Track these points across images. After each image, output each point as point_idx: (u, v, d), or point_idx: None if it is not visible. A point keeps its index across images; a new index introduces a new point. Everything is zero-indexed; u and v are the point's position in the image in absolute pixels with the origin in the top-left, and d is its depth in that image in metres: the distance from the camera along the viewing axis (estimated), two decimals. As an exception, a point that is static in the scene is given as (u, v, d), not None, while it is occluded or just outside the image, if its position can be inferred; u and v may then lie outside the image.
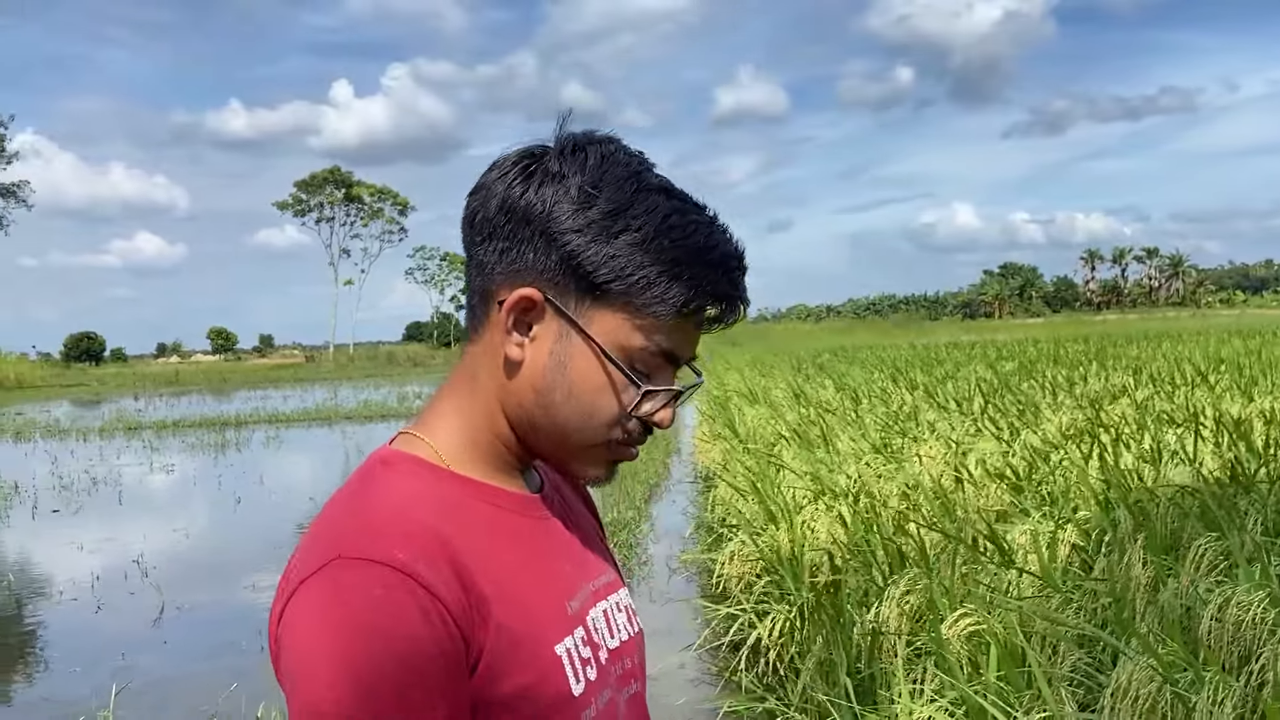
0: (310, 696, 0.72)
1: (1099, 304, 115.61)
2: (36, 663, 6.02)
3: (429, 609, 0.73)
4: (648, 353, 0.83)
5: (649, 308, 0.82)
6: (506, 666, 0.77)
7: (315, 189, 70.06)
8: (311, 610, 0.74)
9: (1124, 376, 11.65)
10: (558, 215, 0.82)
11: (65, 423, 24.72)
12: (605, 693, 0.85)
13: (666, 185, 0.85)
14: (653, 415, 0.86)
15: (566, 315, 0.83)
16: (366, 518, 0.78)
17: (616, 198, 0.82)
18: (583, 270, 0.82)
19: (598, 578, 0.92)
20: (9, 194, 47.56)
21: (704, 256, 0.83)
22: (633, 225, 0.81)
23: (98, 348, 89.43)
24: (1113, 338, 26.49)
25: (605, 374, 0.83)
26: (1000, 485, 5.49)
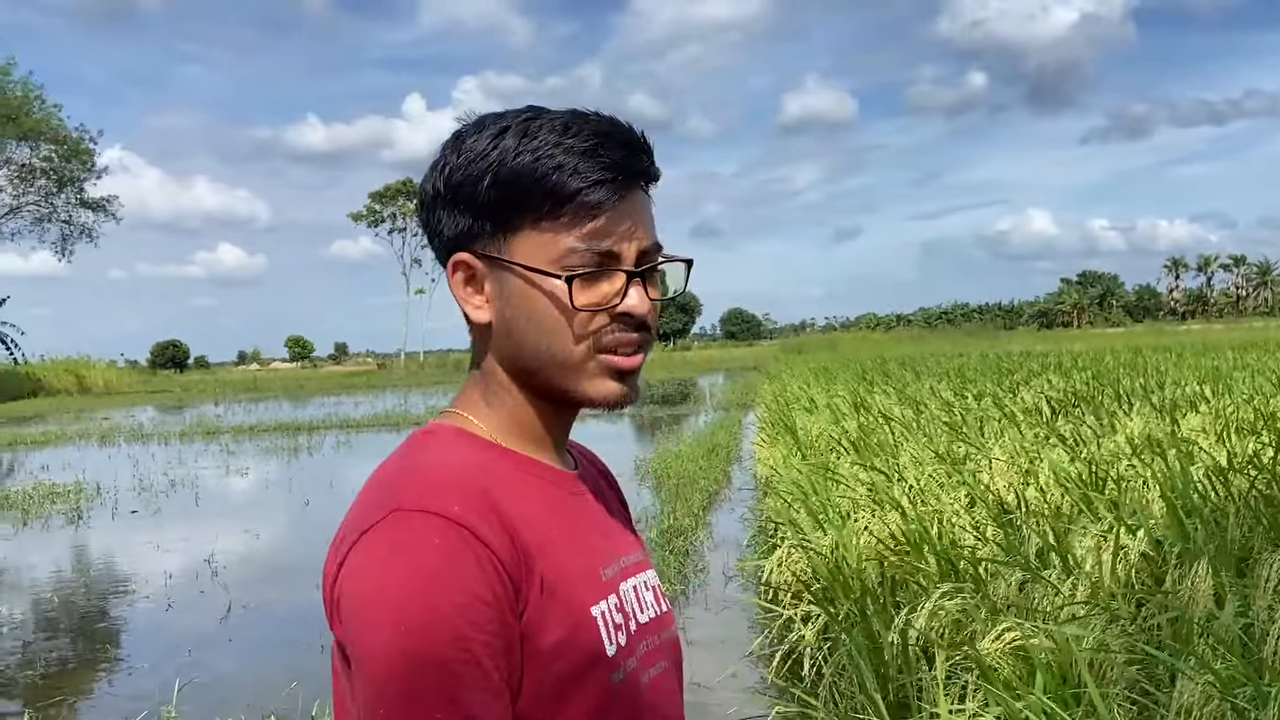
0: (374, 642, 0.76)
1: (1184, 313, 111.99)
2: (108, 658, 6.22)
3: (483, 558, 0.78)
4: (577, 254, 0.85)
5: (547, 212, 0.85)
6: (547, 620, 0.81)
7: (388, 200, 71.49)
8: (372, 560, 0.78)
9: (1203, 386, 11.24)
10: (448, 181, 0.88)
11: (148, 427, 25.53)
12: (631, 661, 0.88)
13: (536, 113, 0.88)
14: (615, 307, 0.87)
15: (492, 257, 0.88)
16: (421, 475, 0.83)
17: (487, 142, 0.87)
18: (482, 212, 0.87)
19: (628, 555, 0.96)
20: (99, 208, 49.34)
21: (569, 143, 0.85)
22: (502, 150, 0.86)
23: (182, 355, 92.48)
24: (1195, 347, 25.60)
25: (538, 288, 0.86)
26: (1067, 495, 5.34)
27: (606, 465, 1.12)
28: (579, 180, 0.84)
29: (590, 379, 0.89)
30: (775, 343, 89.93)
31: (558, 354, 0.88)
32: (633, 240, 0.88)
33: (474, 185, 0.86)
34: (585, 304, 0.86)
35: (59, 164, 47.08)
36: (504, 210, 0.86)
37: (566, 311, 0.86)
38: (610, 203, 0.85)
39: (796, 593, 5.13)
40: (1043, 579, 3.77)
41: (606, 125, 0.87)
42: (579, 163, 0.85)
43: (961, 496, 5.66)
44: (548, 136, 0.85)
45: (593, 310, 0.87)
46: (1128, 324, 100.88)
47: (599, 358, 0.88)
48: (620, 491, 1.11)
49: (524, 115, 0.88)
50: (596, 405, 0.90)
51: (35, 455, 19.17)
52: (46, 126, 45.59)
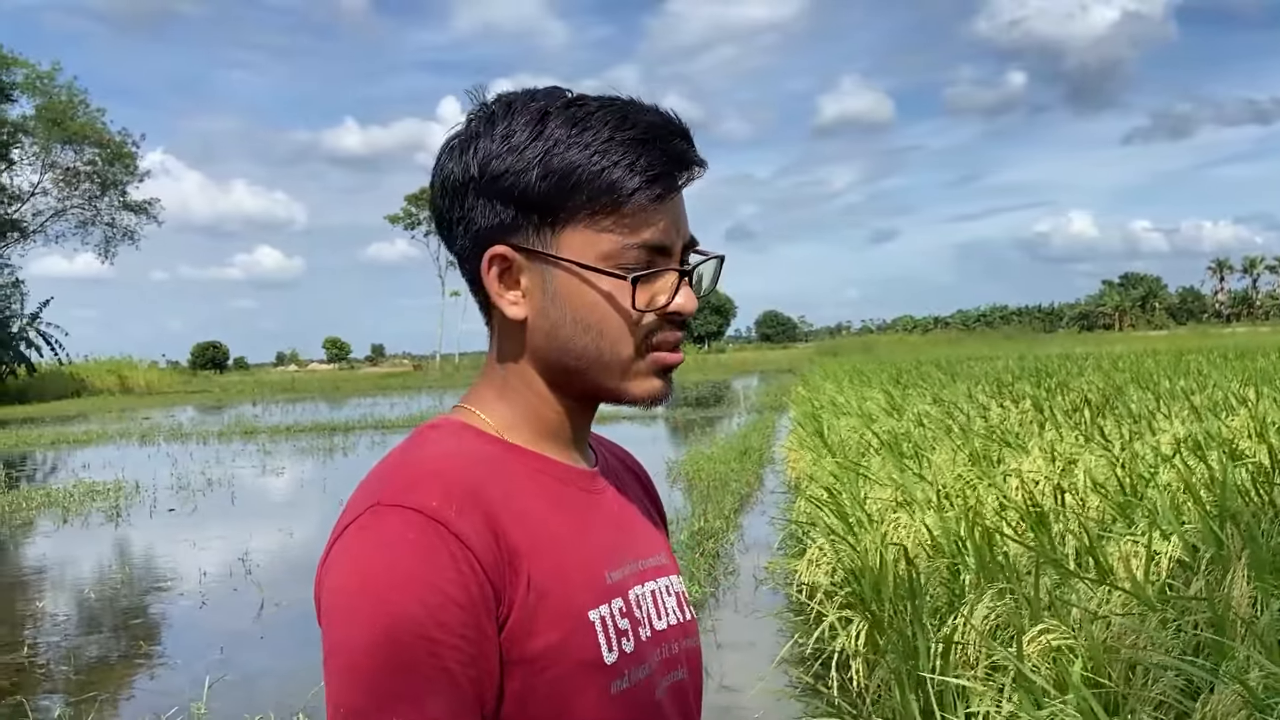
0: (339, 636, 0.75)
1: (1228, 316, 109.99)
2: (142, 654, 6.29)
3: (457, 555, 0.75)
4: (628, 250, 0.82)
5: (599, 207, 0.82)
6: (536, 623, 0.78)
7: (424, 203, 72.01)
8: (348, 554, 0.77)
9: (1245, 388, 11.00)
10: (486, 168, 0.83)
11: (188, 427, 25.90)
12: (642, 669, 0.84)
13: (577, 98, 0.85)
14: (666, 306, 0.84)
15: (537, 252, 0.83)
16: (406, 471, 0.81)
17: (530, 126, 0.82)
18: (528, 204, 0.82)
19: (648, 558, 0.92)
20: (141, 211, 50.20)
21: (625, 136, 0.82)
22: (551, 141, 0.82)
23: (222, 356, 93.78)
24: (1239, 350, 25.11)
25: (594, 287, 0.83)
26: (1104, 498, 5.24)
27: (639, 463, 1.08)
28: (638, 175, 0.81)
29: (636, 378, 0.86)
30: (810, 345, 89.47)
31: (607, 354, 0.85)
32: (680, 235, 0.86)
33: (518, 176, 0.82)
34: (643, 304, 0.84)
35: (102, 167, 47.98)
36: (553, 204, 0.82)
37: (624, 312, 0.84)
38: (668, 197, 0.83)
39: (829, 594, 5.07)
40: (1080, 580, 3.69)
41: (655, 115, 0.84)
42: (637, 158, 0.82)
43: (994, 500, 5.58)
44: (600, 129, 0.82)
45: (650, 311, 0.84)
46: (1171, 326, 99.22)
47: (648, 356, 0.86)
48: (653, 491, 1.06)
49: (563, 100, 0.84)
50: (637, 403, 0.87)
51: (77, 454, 19.51)
52: (91, 130, 46.48)
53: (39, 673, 5.92)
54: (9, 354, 44.16)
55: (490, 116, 0.85)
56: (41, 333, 46.60)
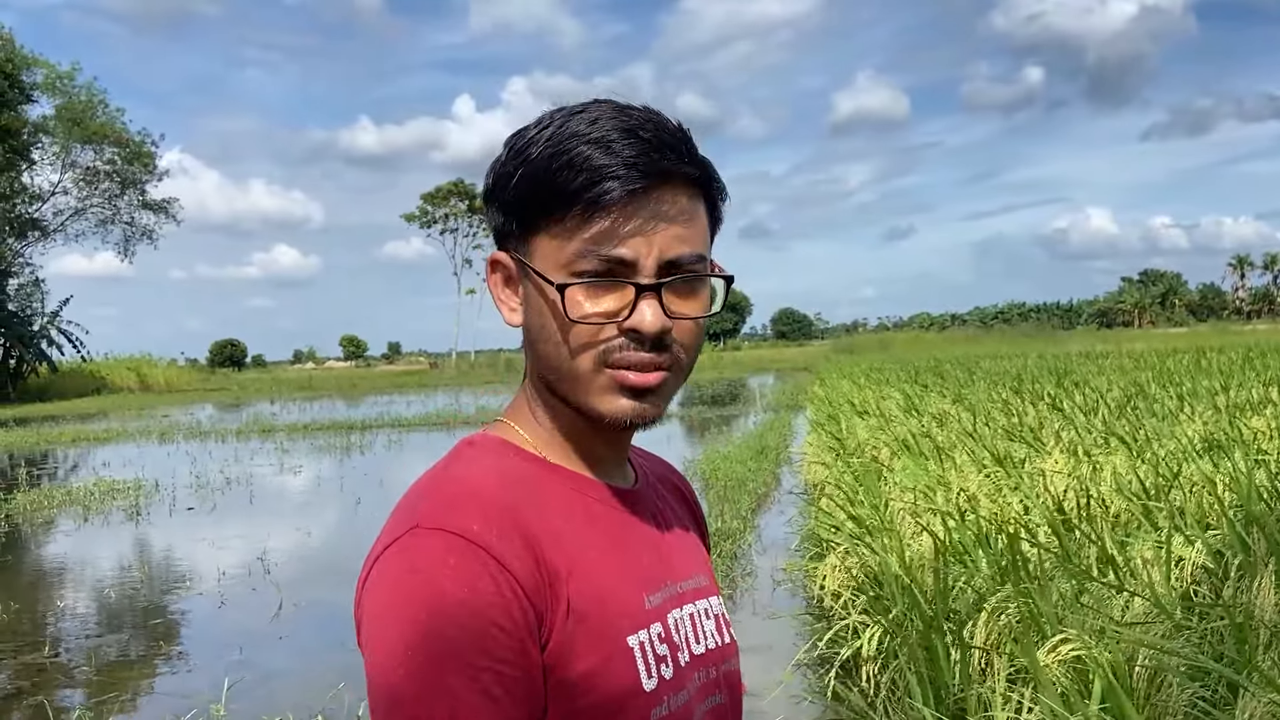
0: (382, 660, 0.73)
1: (1249, 313, 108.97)
2: (162, 654, 6.31)
3: (499, 579, 0.74)
4: (586, 259, 0.79)
5: (556, 212, 0.80)
6: (576, 647, 0.77)
7: (440, 201, 72.30)
8: (387, 578, 0.75)
9: (1268, 387, 10.88)
10: (493, 178, 0.84)
11: (206, 425, 26.06)
12: (681, 695, 0.83)
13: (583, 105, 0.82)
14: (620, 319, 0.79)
15: (519, 259, 0.84)
16: (445, 491, 0.80)
17: (530, 135, 0.82)
18: (510, 211, 0.83)
19: (686, 580, 0.90)
20: (160, 210, 50.55)
21: (585, 135, 0.79)
22: (533, 146, 0.81)
23: (240, 354, 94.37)
24: (1261, 347, 24.85)
25: (543, 295, 0.82)
26: (1126, 501, 5.19)
27: (683, 477, 1.06)
28: (585, 175, 0.78)
29: (599, 394, 0.82)
30: (826, 343, 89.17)
31: (564, 366, 0.82)
32: (651, 245, 0.79)
33: (506, 181, 0.82)
34: (583, 316, 0.79)
35: (122, 167, 48.33)
36: (526, 209, 0.81)
37: (561, 321, 0.80)
38: (618, 201, 0.78)
39: (848, 600, 5.04)
40: (1102, 585, 3.65)
41: (636, 119, 0.80)
42: (590, 157, 0.78)
43: (1017, 502, 5.53)
44: (575, 128, 0.79)
45: (595, 323, 0.80)
46: (1191, 323, 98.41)
47: (607, 372, 0.81)
48: (696, 507, 1.04)
49: (574, 108, 0.82)
50: (606, 421, 0.83)
51: (97, 452, 19.65)
52: (110, 130, 46.83)
53: (60, 672, 5.96)
54: (30, 352, 44.55)
55: (520, 133, 0.84)
56: (62, 331, 46.99)
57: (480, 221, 71.82)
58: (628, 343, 0.80)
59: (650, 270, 0.80)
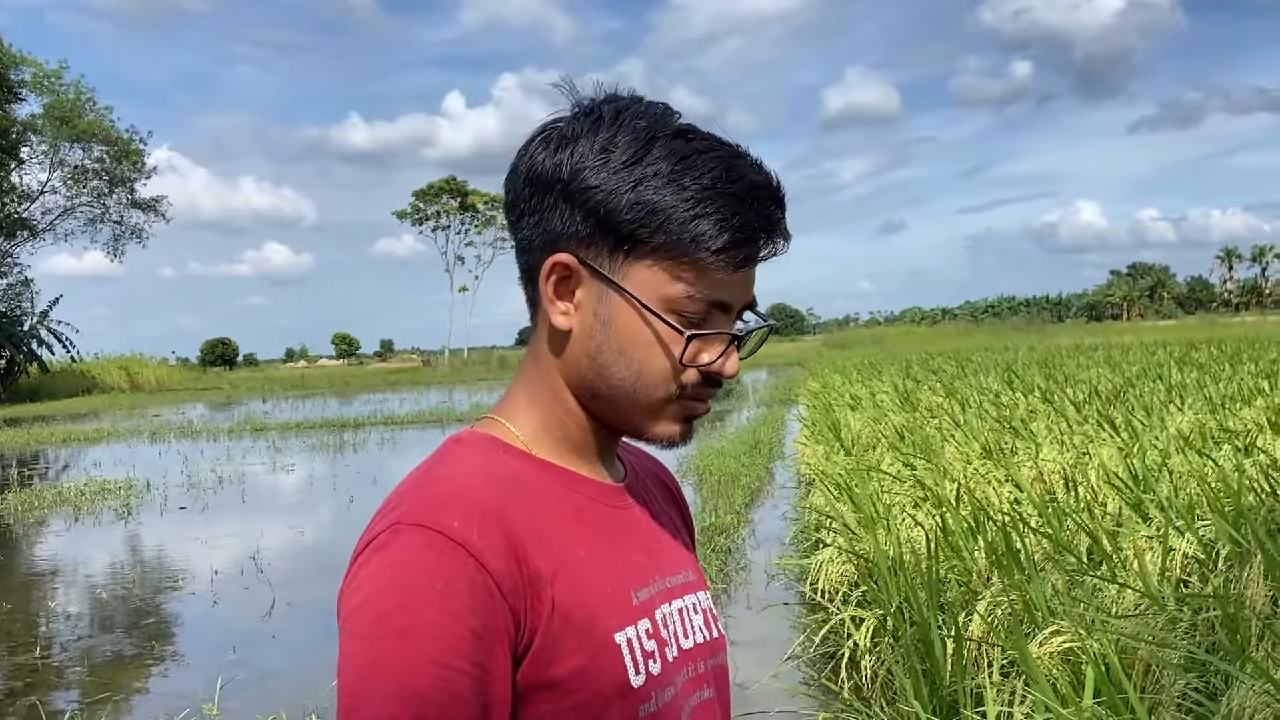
0: (352, 659, 0.74)
1: (1237, 305, 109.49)
2: (155, 654, 6.30)
3: (476, 580, 0.74)
4: (693, 301, 0.81)
5: (680, 252, 0.80)
6: (562, 647, 0.77)
7: (432, 198, 72.09)
8: (367, 574, 0.76)
9: (1258, 380, 10.94)
10: (577, 175, 0.81)
11: (198, 424, 25.97)
12: (669, 690, 0.83)
13: (686, 129, 0.82)
14: (711, 365, 0.83)
15: (602, 274, 0.82)
16: (430, 489, 0.79)
17: (632, 147, 0.80)
18: (608, 225, 0.81)
19: (675, 575, 0.90)
20: (149, 208, 50.33)
21: (726, 190, 0.80)
22: (650, 171, 0.80)
23: (231, 353, 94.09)
24: (1250, 339, 24.96)
25: (650, 328, 0.82)
26: (1116, 493, 5.21)
27: (668, 471, 1.07)
28: (729, 236, 0.80)
29: (661, 421, 0.86)
30: (819, 338, 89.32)
31: (640, 392, 0.84)
32: (743, 295, 0.85)
33: (608, 196, 0.80)
34: (690, 360, 0.83)
35: (110, 165, 48.13)
36: (634, 235, 0.80)
37: (668, 361, 0.83)
38: (750, 264, 0.83)
39: (842, 593, 5.05)
40: (1094, 578, 3.67)
41: (761, 176, 0.82)
42: (730, 216, 0.80)
43: (1008, 494, 5.56)
44: (703, 174, 0.79)
45: (694, 366, 0.84)
46: (1179, 316, 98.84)
47: (677, 404, 0.85)
48: (681, 502, 1.05)
49: (671, 128, 0.82)
50: (653, 443, 0.87)
51: (88, 452, 19.58)
52: (98, 128, 46.61)
53: (52, 673, 5.94)
54: (21, 352, 44.36)
55: (596, 121, 0.82)
56: (52, 331, 46.78)
57: (472, 219, 71.85)
58: (704, 381, 0.85)
59: (735, 315, 0.85)
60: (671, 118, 0.84)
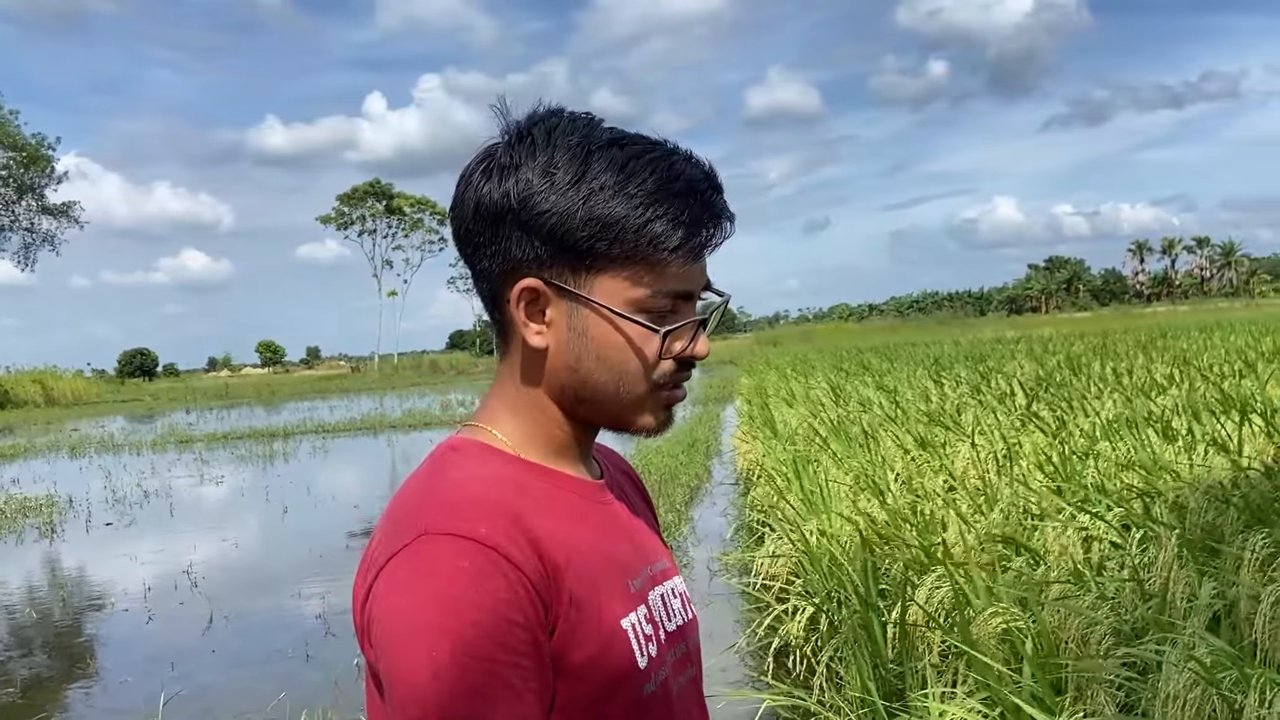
0: (407, 667, 0.76)
1: (1149, 296, 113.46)
2: (88, 673, 6.14)
3: (512, 579, 0.77)
4: (658, 298, 0.87)
5: (639, 257, 0.85)
6: (577, 636, 0.81)
7: (357, 202, 71.01)
8: (401, 584, 0.78)
9: (1171, 368, 11.40)
10: (527, 203, 0.85)
11: (119, 437, 25.22)
12: (663, 670, 0.88)
13: (618, 138, 0.87)
14: (685, 352, 0.90)
15: (569, 291, 0.86)
16: (447, 496, 0.83)
17: (573, 165, 0.84)
18: (566, 245, 0.85)
19: (655, 563, 0.95)
20: (61, 214, 48.72)
21: (669, 190, 0.85)
22: (595, 186, 0.84)
23: (151, 363, 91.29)
24: (1162, 329, 25.95)
25: (622, 332, 0.87)
26: (1043, 480, 5.41)
27: (631, 467, 1.12)
28: (680, 234, 0.85)
29: (646, 413, 0.91)
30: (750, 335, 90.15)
31: (623, 391, 0.89)
32: (701, 280, 0.90)
33: (561, 218, 0.84)
34: (666, 354, 0.89)
35: (17, 171, 46.42)
36: (593, 249, 0.84)
37: (646, 356, 0.88)
38: (701, 256, 0.88)
39: (786, 583, 5.16)
40: (1027, 563, 3.82)
41: (697, 169, 0.88)
42: (680, 214, 0.85)
43: (941, 483, 5.73)
44: (645, 179, 0.84)
45: (669, 357, 0.89)
46: (1094, 308, 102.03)
47: (658, 394, 0.90)
48: (647, 496, 1.11)
49: (604, 138, 0.86)
50: (639, 434, 0.93)
51: (5, 469, 18.87)
52: (4, 134, 44.95)
53: (-18, 697, 5.76)
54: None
55: (532, 145, 0.85)
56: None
57: (399, 222, 70.92)
58: (680, 367, 0.91)
59: (697, 299, 0.91)
60: (599, 127, 0.87)
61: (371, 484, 14.86)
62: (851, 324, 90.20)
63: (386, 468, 17.25)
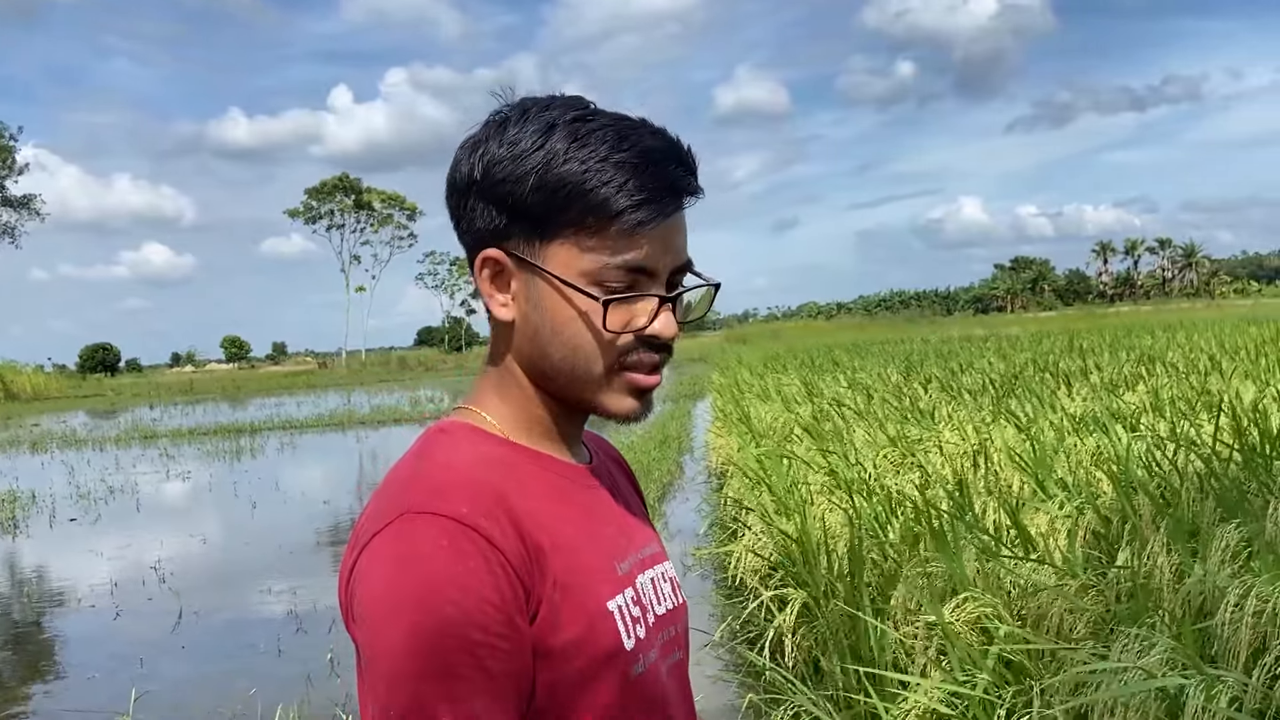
0: (385, 644, 0.76)
1: (1112, 296, 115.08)
2: (56, 670, 6.05)
3: (491, 559, 0.77)
4: (610, 270, 0.84)
5: (585, 224, 0.83)
6: (561, 618, 0.80)
7: (326, 196, 70.39)
8: (383, 562, 0.78)
9: (1138, 366, 11.57)
10: (488, 173, 0.85)
11: (82, 433, 24.86)
12: (651, 653, 0.88)
13: (586, 113, 0.85)
14: (643, 330, 0.86)
15: (525, 260, 0.85)
16: (431, 476, 0.83)
17: (535, 138, 0.84)
18: (520, 212, 0.84)
19: (644, 548, 0.95)
20: (22, 206, 47.88)
21: (618, 158, 0.83)
22: (550, 153, 0.83)
23: (113, 358, 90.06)
24: (1127, 328, 26.33)
25: (570, 304, 0.84)
26: (1019, 473, 5.46)
27: (621, 455, 1.11)
28: (626, 198, 0.82)
29: (609, 394, 0.88)
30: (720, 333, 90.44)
31: (579, 369, 0.87)
32: (668, 258, 0.86)
33: (516, 183, 0.83)
34: (616, 327, 0.85)
35: (-23, 163, 45.58)
36: (543, 215, 0.83)
37: (596, 332, 0.85)
38: (654, 223, 0.84)
39: (762, 578, 5.17)
40: (1007, 555, 3.85)
41: (658, 140, 0.85)
42: (628, 179, 0.82)
43: (916, 477, 5.76)
44: (598, 147, 0.82)
45: (622, 333, 0.86)
46: (1059, 307, 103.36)
47: (621, 375, 0.87)
48: (635, 482, 1.10)
49: (574, 113, 0.84)
50: (611, 418, 0.90)
51: (-36, 465, 18.54)
52: (-36, 124, 44.06)
53: (-56, 695, 5.64)
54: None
55: (504, 121, 0.86)
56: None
57: (368, 217, 70.38)
58: (642, 348, 0.87)
59: (664, 279, 0.86)
60: (577, 104, 0.86)
61: (341, 480, 14.75)
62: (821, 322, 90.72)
63: (355, 464, 17.12)
